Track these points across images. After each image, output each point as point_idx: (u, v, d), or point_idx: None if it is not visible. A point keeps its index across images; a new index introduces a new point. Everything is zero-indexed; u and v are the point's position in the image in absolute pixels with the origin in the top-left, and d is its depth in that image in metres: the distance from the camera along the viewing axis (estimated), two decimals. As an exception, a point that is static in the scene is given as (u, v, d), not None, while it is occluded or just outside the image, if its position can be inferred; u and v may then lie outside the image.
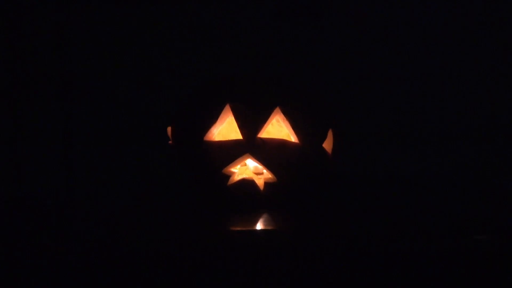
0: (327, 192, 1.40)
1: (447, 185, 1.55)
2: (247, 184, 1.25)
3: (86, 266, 1.11)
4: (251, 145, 1.23)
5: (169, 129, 1.31)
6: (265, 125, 1.23)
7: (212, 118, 1.24)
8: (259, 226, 1.16)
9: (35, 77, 1.62)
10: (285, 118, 1.24)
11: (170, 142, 1.31)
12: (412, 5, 1.67)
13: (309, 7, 1.66)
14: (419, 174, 1.67)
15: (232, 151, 1.24)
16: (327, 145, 1.28)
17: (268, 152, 1.23)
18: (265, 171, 1.26)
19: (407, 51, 1.68)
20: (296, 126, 1.24)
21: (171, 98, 1.50)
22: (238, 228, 1.15)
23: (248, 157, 1.24)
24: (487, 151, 1.70)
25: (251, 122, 1.23)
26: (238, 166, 1.28)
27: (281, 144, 1.24)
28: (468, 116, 1.69)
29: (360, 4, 1.67)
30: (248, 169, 1.29)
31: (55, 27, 1.62)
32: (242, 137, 1.23)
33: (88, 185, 1.57)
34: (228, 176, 1.25)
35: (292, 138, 1.25)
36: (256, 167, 1.28)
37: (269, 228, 1.16)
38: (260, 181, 1.26)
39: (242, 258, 1.11)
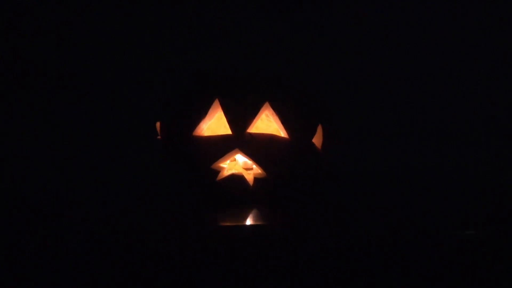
0: (317, 187, 1.39)
1: (445, 183, 1.54)
2: (237, 179, 1.25)
3: (81, 262, 1.11)
4: (240, 140, 1.22)
5: (158, 124, 1.31)
6: (255, 120, 1.23)
7: (201, 113, 1.24)
8: (248, 221, 1.15)
9: (27, 77, 1.63)
10: (274, 113, 1.23)
11: (158, 137, 1.31)
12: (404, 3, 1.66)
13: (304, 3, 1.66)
14: (415, 172, 1.66)
15: (221, 146, 1.23)
16: (317, 140, 1.27)
17: (257, 147, 1.23)
18: (254, 166, 1.26)
19: (406, 49, 1.68)
20: (285, 121, 1.24)
21: (162, 95, 1.50)
22: (228, 224, 1.14)
23: (237, 152, 1.23)
24: (486, 149, 1.69)
25: (240, 117, 1.23)
26: (228, 162, 1.27)
27: (270, 139, 1.23)
28: (466, 114, 1.68)
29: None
30: (237, 164, 1.29)
31: (47, 25, 1.62)
32: (231, 132, 1.22)
33: (77, 182, 1.56)
34: (217, 171, 1.25)
35: (282, 133, 1.24)
36: (245, 162, 1.28)
37: (258, 223, 1.15)
38: (249, 176, 1.25)
39: (231, 253, 1.10)
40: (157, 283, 1.11)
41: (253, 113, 1.23)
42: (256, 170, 1.26)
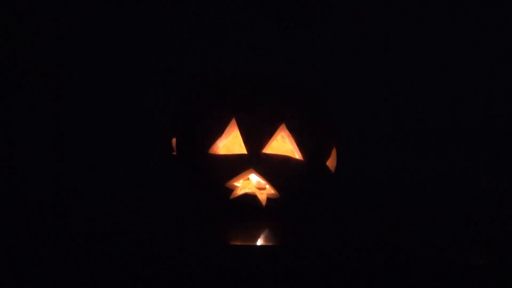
0: (329, 210, 1.39)
1: (449, 192, 1.58)
2: (250, 198, 1.26)
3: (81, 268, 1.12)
4: (255, 160, 1.23)
5: (173, 140, 1.32)
6: (270, 141, 1.24)
7: (217, 131, 1.24)
8: (259, 241, 1.16)
9: (31, 77, 1.62)
10: (290, 135, 1.24)
11: (174, 153, 1.32)
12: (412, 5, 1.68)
13: (308, 11, 1.67)
14: (423, 183, 1.68)
15: (236, 165, 1.24)
16: (331, 163, 1.28)
17: (271, 168, 1.24)
18: (268, 186, 1.27)
19: (408, 53, 1.69)
20: (300, 143, 1.25)
21: (162, 95, 1.58)
22: (238, 243, 1.14)
23: (251, 172, 1.24)
24: (488, 153, 1.71)
25: (256, 137, 1.23)
26: (241, 180, 1.28)
27: (285, 160, 1.24)
28: (474, 121, 1.70)
29: (362, 6, 1.68)
30: (250, 183, 1.30)
31: (47, 25, 1.62)
32: (247, 151, 1.23)
33: (86, 190, 1.57)
34: (231, 190, 1.26)
35: (296, 154, 1.25)
36: (259, 182, 1.29)
37: (269, 244, 1.16)
38: (262, 196, 1.26)
39: (241, 273, 1.11)
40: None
41: (269, 134, 1.23)
42: (269, 190, 1.27)
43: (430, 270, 1.10)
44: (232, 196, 1.26)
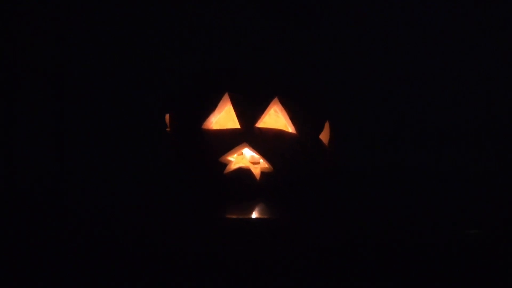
0: (323, 183, 1.39)
1: (445, 182, 1.57)
2: (244, 173, 1.26)
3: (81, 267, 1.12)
4: (248, 134, 1.23)
5: (167, 116, 1.32)
6: (263, 115, 1.24)
7: (210, 107, 1.25)
8: (254, 215, 1.16)
9: (31, 76, 1.63)
10: (283, 109, 1.25)
11: (167, 129, 1.32)
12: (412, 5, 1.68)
13: (305, 8, 1.67)
14: (416, 170, 1.67)
15: (229, 140, 1.24)
16: (324, 136, 1.28)
17: (265, 142, 1.24)
18: (261, 160, 1.27)
19: (406, 47, 1.68)
20: (293, 117, 1.25)
21: (161, 94, 1.58)
22: (234, 216, 1.15)
23: (245, 146, 1.25)
24: (487, 151, 1.70)
25: (249, 112, 1.24)
26: (235, 155, 1.28)
27: (278, 134, 1.24)
28: (467, 115, 1.69)
29: (362, 6, 1.68)
30: (244, 158, 1.29)
31: (47, 25, 1.63)
32: (240, 126, 1.24)
33: (82, 175, 1.57)
34: (225, 164, 1.25)
35: (289, 128, 1.25)
36: (252, 157, 1.29)
37: (264, 217, 1.16)
38: (256, 171, 1.26)
39: (236, 246, 1.11)
40: (162, 275, 1.11)
41: (262, 108, 1.24)
42: (263, 164, 1.27)
43: (429, 269, 1.10)
44: (226, 171, 1.26)
